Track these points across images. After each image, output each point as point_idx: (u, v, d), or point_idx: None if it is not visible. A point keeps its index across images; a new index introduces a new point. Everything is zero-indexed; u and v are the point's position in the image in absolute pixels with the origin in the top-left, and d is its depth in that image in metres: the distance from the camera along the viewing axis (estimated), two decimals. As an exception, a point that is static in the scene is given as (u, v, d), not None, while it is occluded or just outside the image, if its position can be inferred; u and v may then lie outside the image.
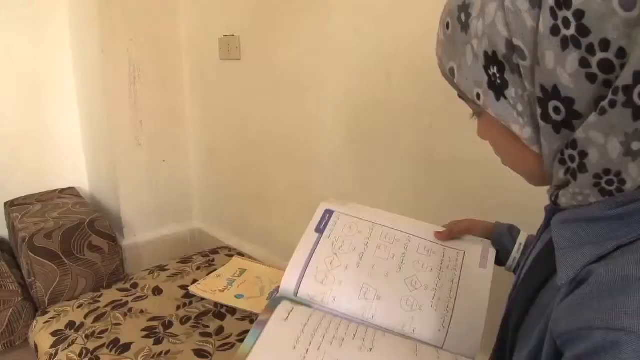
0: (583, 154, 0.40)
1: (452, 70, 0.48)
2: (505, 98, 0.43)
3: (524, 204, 1.08)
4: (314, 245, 0.79)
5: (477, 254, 0.76)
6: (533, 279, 0.51)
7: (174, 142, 2.19)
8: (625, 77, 0.35)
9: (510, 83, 0.43)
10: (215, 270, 1.74)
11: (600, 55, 0.36)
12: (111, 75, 1.96)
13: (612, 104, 0.36)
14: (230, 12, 1.82)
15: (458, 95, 0.51)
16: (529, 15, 0.39)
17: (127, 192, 2.08)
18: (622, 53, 0.35)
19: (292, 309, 0.66)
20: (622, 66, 0.35)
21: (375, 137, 1.39)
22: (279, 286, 0.73)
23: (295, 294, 0.71)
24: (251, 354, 0.57)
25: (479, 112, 0.51)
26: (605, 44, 0.36)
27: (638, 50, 0.34)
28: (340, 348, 0.58)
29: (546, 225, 0.53)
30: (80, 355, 1.29)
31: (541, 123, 0.42)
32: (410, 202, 1.34)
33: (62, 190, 2.26)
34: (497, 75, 0.43)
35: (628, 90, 0.35)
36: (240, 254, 1.90)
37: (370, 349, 0.59)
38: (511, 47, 0.41)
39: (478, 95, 0.45)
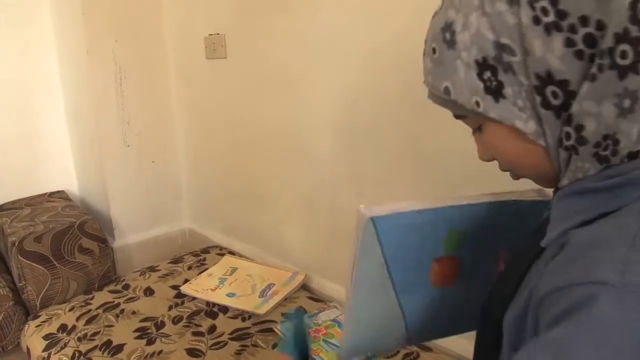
0: (579, 127, 0.42)
1: (446, 89, 0.49)
2: (505, 97, 0.45)
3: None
4: None
5: None
6: (525, 257, 0.53)
7: (162, 142, 2.18)
8: (607, 41, 0.38)
9: (506, 82, 0.45)
10: (206, 269, 1.75)
11: (582, 31, 0.39)
12: (97, 77, 1.94)
13: (600, 68, 0.39)
14: (215, 11, 1.82)
15: (455, 116, 0.53)
16: (509, 13, 0.42)
17: (116, 193, 2.08)
18: (600, 25, 0.39)
19: None
20: (603, 37, 0.39)
21: (364, 132, 1.40)
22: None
23: None
24: None
25: (479, 126, 0.52)
26: (584, 20, 0.39)
27: (613, 17, 0.38)
28: None
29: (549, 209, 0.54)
30: (72, 358, 1.29)
31: (542, 111, 0.44)
32: (400, 198, 1.35)
33: (51, 194, 2.25)
34: (492, 79, 0.45)
35: (611, 52, 0.38)
36: (231, 253, 1.90)
37: None
38: (500, 47, 0.44)
39: (477, 103, 0.47)
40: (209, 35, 1.85)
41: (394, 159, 1.35)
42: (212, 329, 1.39)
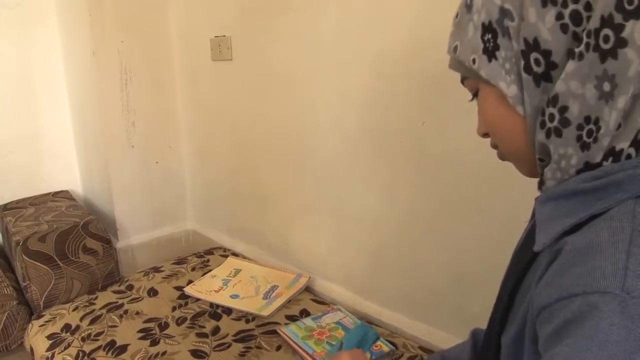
0: (564, 109, 0.44)
1: (455, 47, 0.54)
2: (496, 59, 0.49)
3: (515, 198, 1.10)
4: None
5: None
6: (518, 264, 0.54)
7: (166, 143, 2.19)
8: (594, 22, 0.41)
9: (501, 46, 0.48)
10: (210, 270, 1.75)
11: (571, 6, 0.42)
12: (103, 78, 1.95)
13: (587, 48, 0.42)
14: (221, 13, 1.82)
15: (461, 80, 0.57)
16: None
17: (120, 194, 2.08)
18: (588, 6, 0.42)
19: None
20: (588, 19, 0.42)
21: (369, 135, 1.40)
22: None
23: None
24: None
25: (475, 88, 0.55)
26: None
27: (601, 0, 0.41)
28: None
29: (533, 216, 0.55)
30: (76, 358, 1.29)
31: (524, 75, 0.47)
32: (404, 200, 1.36)
33: (56, 194, 2.25)
34: (491, 41, 0.49)
35: (596, 33, 0.41)
36: (235, 254, 1.90)
37: None
38: (503, 12, 0.47)
39: (474, 60, 0.51)
40: (215, 37, 1.86)
41: (399, 161, 1.35)
42: (216, 330, 1.39)
